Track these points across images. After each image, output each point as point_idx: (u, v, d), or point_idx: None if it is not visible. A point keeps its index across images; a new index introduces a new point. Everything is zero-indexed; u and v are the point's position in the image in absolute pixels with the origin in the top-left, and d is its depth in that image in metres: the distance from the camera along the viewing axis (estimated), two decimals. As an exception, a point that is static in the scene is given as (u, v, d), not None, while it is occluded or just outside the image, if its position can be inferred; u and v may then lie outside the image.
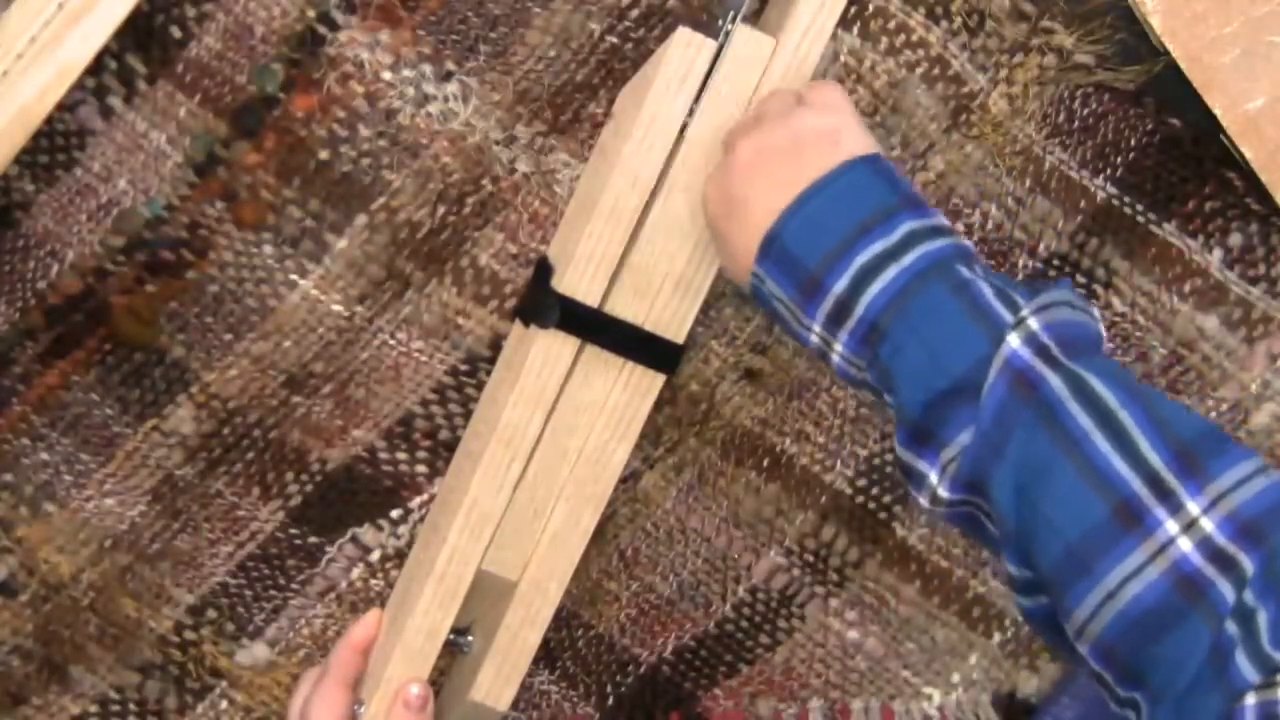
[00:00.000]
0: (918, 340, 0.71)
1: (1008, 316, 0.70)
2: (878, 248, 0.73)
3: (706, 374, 0.92)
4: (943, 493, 0.72)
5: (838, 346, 0.75)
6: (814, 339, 0.76)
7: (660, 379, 0.84)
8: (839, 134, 0.76)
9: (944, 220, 0.75)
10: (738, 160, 0.77)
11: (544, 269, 0.85)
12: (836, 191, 0.74)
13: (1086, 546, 0.67)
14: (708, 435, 0.92)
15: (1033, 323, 0.70)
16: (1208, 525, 0.66)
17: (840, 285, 0.73)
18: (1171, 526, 0.66)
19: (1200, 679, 0.64)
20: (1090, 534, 0.67)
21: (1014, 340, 0.70)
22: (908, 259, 0.72)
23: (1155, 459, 0.67)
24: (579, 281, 0.82)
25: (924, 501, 0.73)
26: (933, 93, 0.89)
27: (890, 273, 0.72)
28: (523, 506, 0.84)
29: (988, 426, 0.69)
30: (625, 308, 0.83)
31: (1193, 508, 0.66)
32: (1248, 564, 0.65)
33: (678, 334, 0.84)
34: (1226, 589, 0.65)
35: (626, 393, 0.84)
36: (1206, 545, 0.66)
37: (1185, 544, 0.66)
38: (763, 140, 0.77)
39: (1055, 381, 0.69)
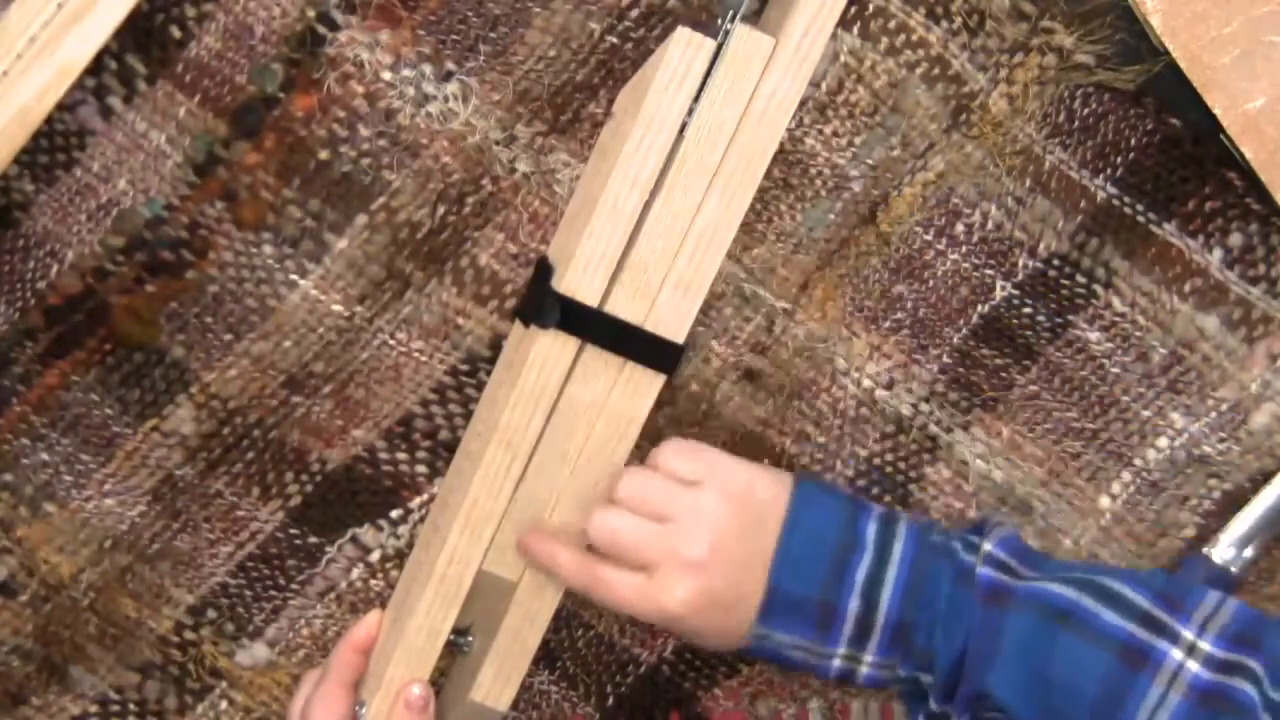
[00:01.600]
0: (938, 620, 0.79)
1: (970, 559, 0.80)
2: (866, 558, 0.80)
3: (706, 374, 0.91)
4: None
5: (867, 659, 0.81)
6: (837, 663, 0.81)
7: (660, 379, 0.84)
8: (742, 486, 0.82)
9: (878, 506, 0.84)
10: (710, 570, 0.80)
11: (544, 269, 0.85)
12: (804, 525, 0.81)
13: (1107, 698, 0.74)
14: (708, 435, 0.92)
15: (988, 547, 0.81)
16: (1206, 645, 0.74)
17: (854, 605, 0.80)
18: (1176, 654, 0.74)
19: None
20: (1107, 685, 0.74)
21: (981, 568, 0.80)
22: (895, 556, 0.80)
23: (1142, 603, 0.76)
24: (579, 281, 0.82)
25: None
26: (933, 93, 0.89)
27: (890, 575, 0.80)
28: (523, 507, 0.84)
29: (975, 645, 0.78)
30: (625, 308, 0.83)
31: (1188, 635, 0.75)
32: (1255, 665, 0.72)
33: (678, 334, 0.84)
34: (1246, 687, 0.72)
35: (627, 393, 0.84)
36: (1212, 661, 0.74)
37: (1193, 665, 0.74)
38: (716, 540, 0.80)
39: (1024, 584, 0.78)
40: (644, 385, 0.84)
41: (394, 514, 0.92)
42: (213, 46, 0.87)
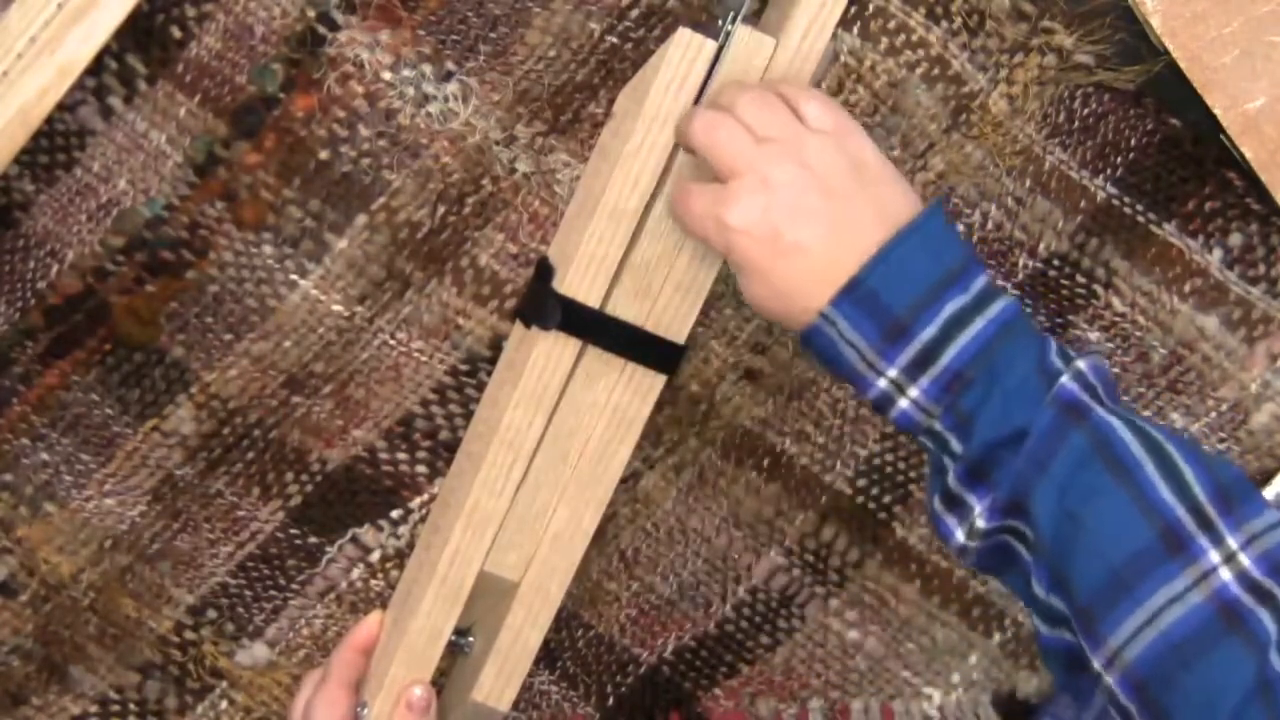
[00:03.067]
0: (999, 390, 0.74)
1: (1061, 365, 0.74)
2: (962, 300, 0.75)
3: (706, 374, 0.92)
4: (981, 523, 0.74)
5: (913, 392, 0.75)
6: (882, 383, 0.76)
7: (661, 380, 0.84)
8: (867, 162, 0.77)
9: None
10: (778, 199, 0.75)
11: (545, 270, 0.85)
12: (920, 240, 0.75)
13: (1131, 568, 0.70)
14: (708, 435, 0.92)
15: (1082, 365, 0.74)
16: (1245, 560, 0.69)
17: (929, 333, 0.74)
18: (1214, 555, 0.69)
19: (1247, 708, 0.66)
20: (1136, 556, 0.70)
21: (1065, 379, 0.73)
22: (992, 312, 0.75)
23: (1199, 492, 0.71)
24: (580, 282, 0.82)
25: (959, 537, 0.76)
26: (933, 93, 0.89)
27: (978, 325, 0.74)
28: (524, 507, 0.84)
29: (1034, 446, 0.72)
30: (626, 308, 0.83)
31: (1231, 542, 0.70)
32: None
33: (679, 334, 0.84)
34: (1266, 619, 0.68)
35: (627, 393, 0.84)
36: (1245, 578, 0.69)
37: (1225, 573, 0.69)
38: (798, 177, 0.75)
39: (1103, 413, 0.73)
40: (645, 385, 0.84)
41: (394, 514, 0.92)
42: (213, 46, 0.87)
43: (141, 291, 0.89)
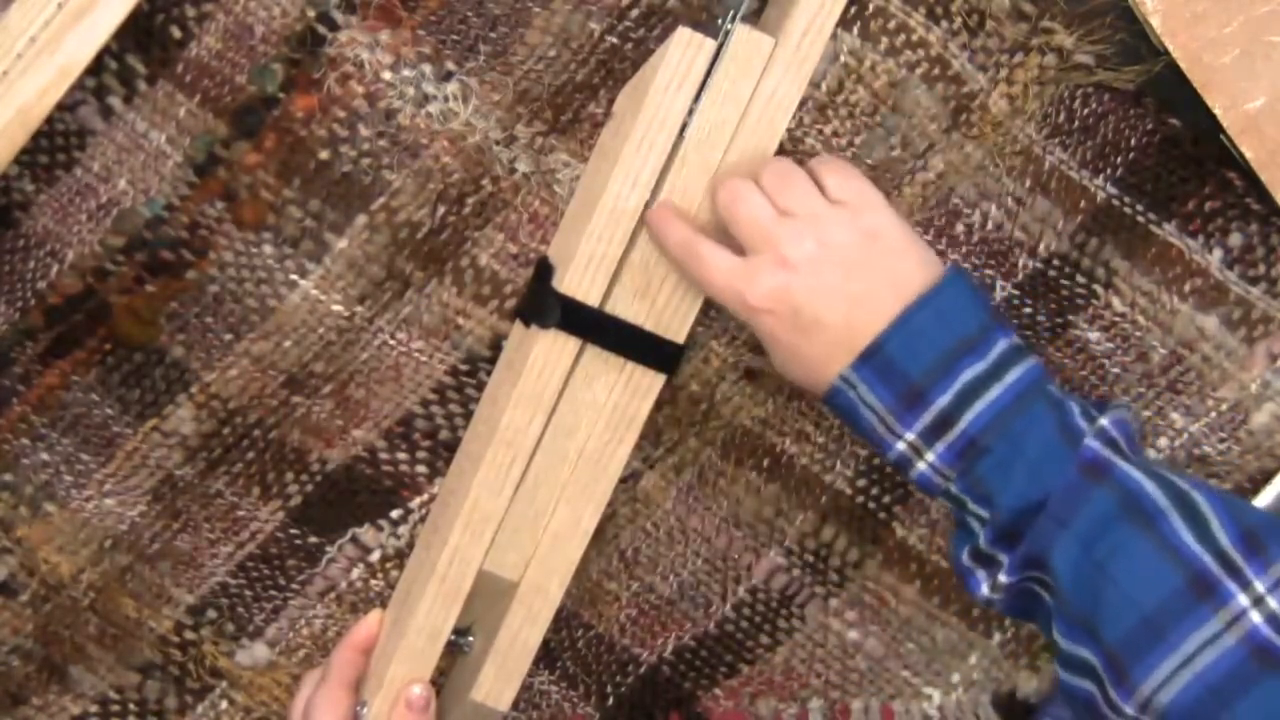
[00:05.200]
0: (1020, 457, 0.76)
1: (1085, 425, 0.77)
2: (980, 366, 0.77)
3: (706, 374, 0.92)
4: (1003, 577, 0.77)
5: (930, 456, 0.78)
6: (901, 446, 0.78)
7: (660, 379, 0.84)
8: (884, 234, 0.79)
9: (1018, 338, 0.79)
10: (797, 278, 0.78)
11: (544, 269, 0.85)
12: (939, 307, 0.77)
13: (1162, 614, 0.72)
14: (708, 435, 0.92)
15: (1104, 421, 0.77)
16: (1273, 603, 0.71)
17: (944, 400, 0.77)
18: (1243, 599, 0.71)
19: None
20: (1166, 602, 0.72)
21: (1088, 439, 0.76)
22: (1009, 378, 0.77)
23: (1224, 538, 0.73)
24: (579, 281, 0.82)
25: (985, 590, 0.79)
26: (933, 93, 0.89)
27: (994, 392, 0.77)
28: (523, 507, 0.84)
29: (1054, 505, 0.75)
30: (626, 308, 0.83)
31: (1259, 585, 0.72)
32: None
33: (678, 334, 0.84)
34: None
35: (627, 393, 0.84)
36: (1275, 621, 0.71)
37: (1255, 616, 0.71)
38: (816, 254, 0.78)
39: (1127, 468, 0.75)
40: (644, 385, 0.84)
41: (394, 514, 0.92)
42: (213, 46, 0.87)
43: (141, 291, 0.89)
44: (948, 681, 0.95)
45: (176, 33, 0.87)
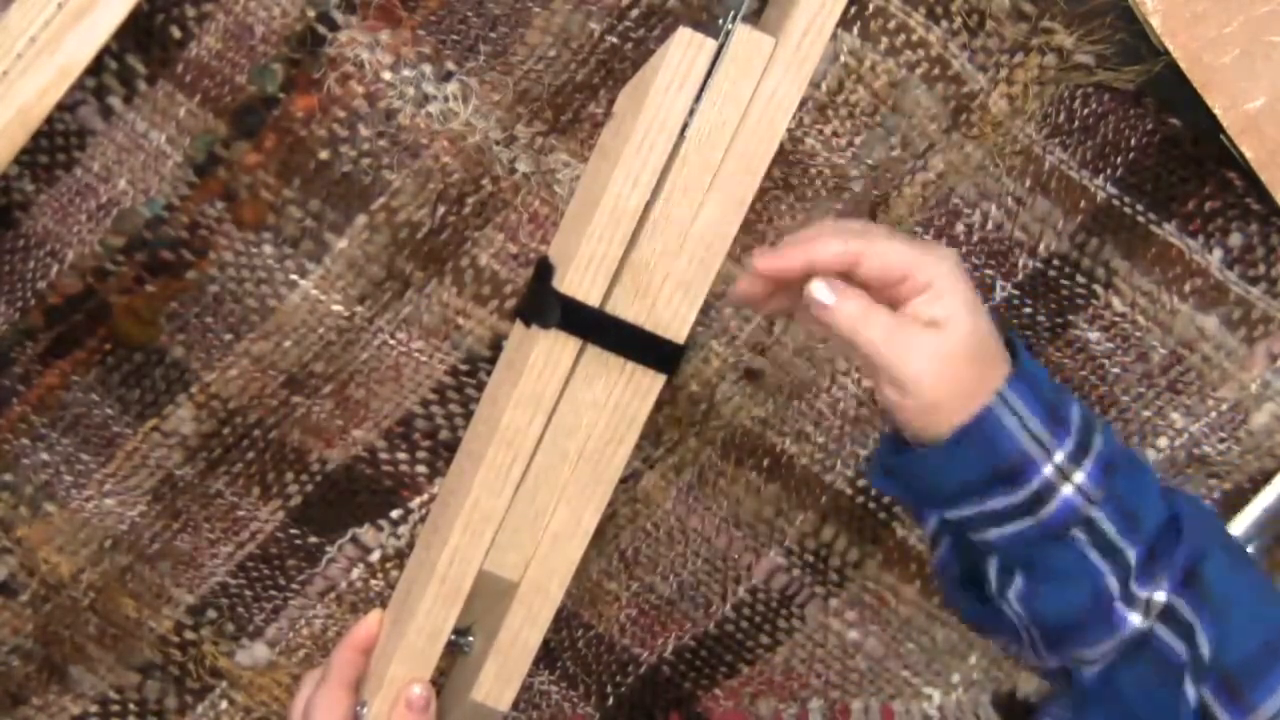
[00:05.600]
0: (1144, 473, 0.76)
1: None
2: (1072, 432, 0.75)
3: (706, 374, 0.92)
4: (1161, 596, 0.75)
5: (1078, 477, 0.73)
6: (1048, 471, 0.73)
7: (660, 379, 0.84)
8: (982, 322, 0.76)
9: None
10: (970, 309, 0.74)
11: (545, 269, 0.85)
12: (1029, 383, 0.74)
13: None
14: (708, 435, 0.92)
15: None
16: None
17: (1076, 413, 0.74)
18: None
19: None
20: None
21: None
22: (1095, 443, 0.75)
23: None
24: (580, 281, 0.82)
25: (1136, 621, 0.75)
26: (933, 93, 0.89)
27: (1097, 442, 0.74)
28: (524, 507, 0.84)
29: (1189, 523, 0.75)
30: (626, 308, 0.83)
31: None
32: None
33: (679, 334, 0.84)
34: None
35: (627, 393, 0.84)
36: None
37: None
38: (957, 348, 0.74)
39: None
40: (644, 385, 0.84)
41: (394, 514, 0.92)
42: (213, 46, 0.87)
43: (141, 291, 0.89)
44: (948, 681, 0.95)
45: (176, 33, 0.87)
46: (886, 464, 0.76)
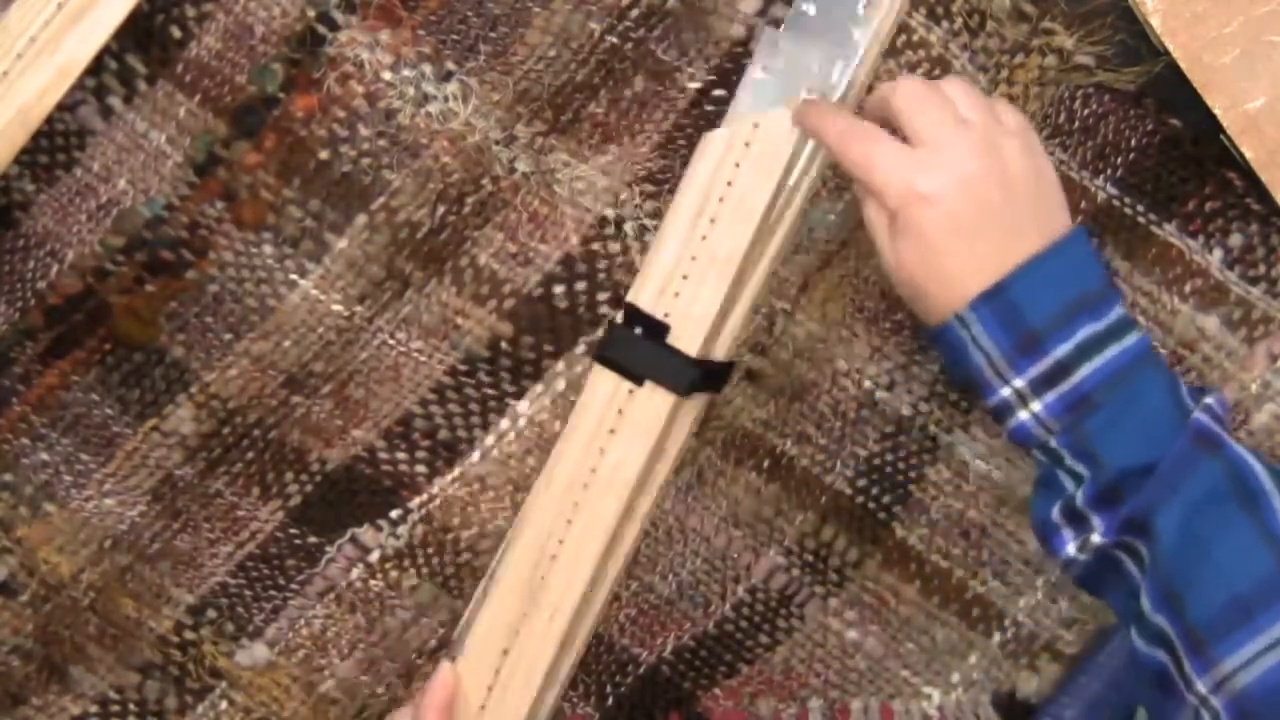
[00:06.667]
0: (1132, 418, 0.75)
1: (1191, 401, 0.77)
2: (1097, 326, 0.76)
3: (706, 374, 0.92)
4: (1097, 538, 0.76)
5: (1036, 406, 0.77)
6: (1006, 392, 0.77)
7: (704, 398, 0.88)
8: (1044, 172, 0.79)
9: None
10: (972, 183, 0.76)
11: (655, 327, 0.85)
12: (1071, 257, 0.77)
13: (1253, 596, 0.71)
14: (708, 435, 0.92)
15: (1210, 400, 0.77)
16: None
17: (1063, 350, 0.76)
18: None
19: None
20: (1259, 585, 0.71)
21: (1197, 412, 0.76)
22: (1126, 342, 0.76)
23: None
24: (695, 337, 0.85)
25: (1071, 549, 0.78)
26: (933, 93, 0.89)
27: (1111, 351, 0.76)
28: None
29: (1167, 468, 0.74)
30: (719, 350, 0.87)
31: None
32: None
33: (723, 354, 0.88)
34: None
35: (682, 425, 0.89)
36: None
37: None
38: (993, 169, 0.76)
39: (1237, 447, 0.75)
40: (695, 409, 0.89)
41: (393, 514, 0.92)
42: (213, 46, 0.87)
43: (141, 291, 0.89)
44: (947, 681, 0.95)
45: (176, 33, 0.87)
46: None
